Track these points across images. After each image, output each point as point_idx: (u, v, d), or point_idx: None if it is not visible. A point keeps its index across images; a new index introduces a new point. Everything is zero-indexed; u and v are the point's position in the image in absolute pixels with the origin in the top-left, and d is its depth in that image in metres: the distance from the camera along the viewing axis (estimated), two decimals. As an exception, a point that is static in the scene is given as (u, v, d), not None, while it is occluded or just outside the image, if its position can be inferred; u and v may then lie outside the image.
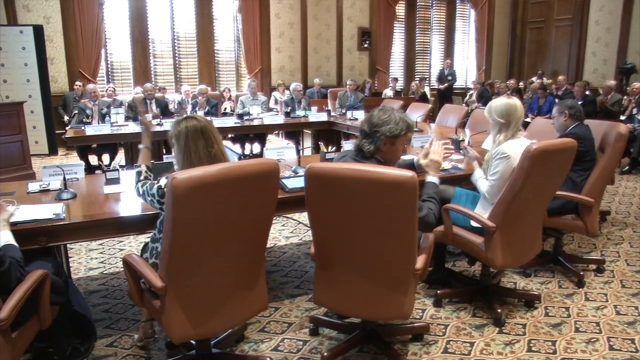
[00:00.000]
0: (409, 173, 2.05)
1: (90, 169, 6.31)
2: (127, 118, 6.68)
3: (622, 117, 7.45)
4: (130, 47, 9.80)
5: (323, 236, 2.34)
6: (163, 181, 2.18)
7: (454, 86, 12.14)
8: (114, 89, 8.98)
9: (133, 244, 4.12)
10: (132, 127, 6.07)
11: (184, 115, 2.33)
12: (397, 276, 2.27)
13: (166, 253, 1.98)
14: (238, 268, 2.18)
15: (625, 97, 8.27)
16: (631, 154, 6.86)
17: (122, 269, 2.98)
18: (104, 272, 3.66)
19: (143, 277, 2.12)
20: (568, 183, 3.36)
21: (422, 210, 2.40)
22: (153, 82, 9.45)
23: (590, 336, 2.78)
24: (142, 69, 9.90)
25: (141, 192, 2.30)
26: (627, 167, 6.85)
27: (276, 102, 9.25)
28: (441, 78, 11.99)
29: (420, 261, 2.28)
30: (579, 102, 7.56)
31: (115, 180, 3.04)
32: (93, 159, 6.75)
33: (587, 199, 3.32)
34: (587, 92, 8.54)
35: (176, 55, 10.32)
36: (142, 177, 2.38)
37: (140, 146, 2.56)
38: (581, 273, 3.44)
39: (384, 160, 2.46)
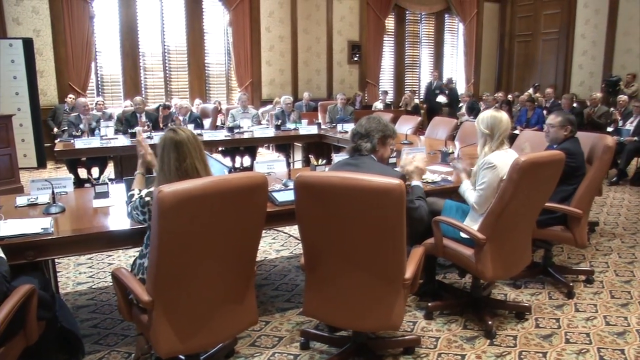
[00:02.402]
0: (396, 180, 2.10)
1: (79, 183, 6.26)
2: (116, 131, 6.66)
3: (610, 129, 7.54)
4: (121, 60, 9.80)
5: (313, 246, 2.35)
6: (144, 192, 2.22)
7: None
8: (103, 102, 8.95)
9: (122, 258, 4.08)
10: (122, 140, 6.05)
11: (170, 127, 2.36)
12: (386, 285, 2.28)
13: (153, 266, 1.97)
14: (227, 282, 2.17)
15: (612, 109, 8.39)
16: (618, 166, 6.94)
17: (111, 284, 2.95)
18: (93, 286, 3.62)
19: (131, 291, 2.10)
20: (558, 195, 3.38)
21: (414, 203, 2.56)
22: (143, 95, 9.45)
23: (581, 347, 2.79)
24: (133, 82, 9.90)
25: (129, 211, 2.33)
26: (614, 179, 6.92)
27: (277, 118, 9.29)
28: (429, 91, 12.08)
29: (409, 271, 2.29)
30: (567, 115, 7.67)
31: (105, 194, 3.03)
32: (83, 173, 6.71)
33: (575, 210, 3.35)
34: (575, 104, 8.64)
35: (167, 68, 10.33)
36: (133, 199, 2.38)
37: (136, 172, 2.57)
38: (571, 284, 3.46)
39: (377, 158, 2.64)
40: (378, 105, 10.99)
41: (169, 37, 10.26)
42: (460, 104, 10.58)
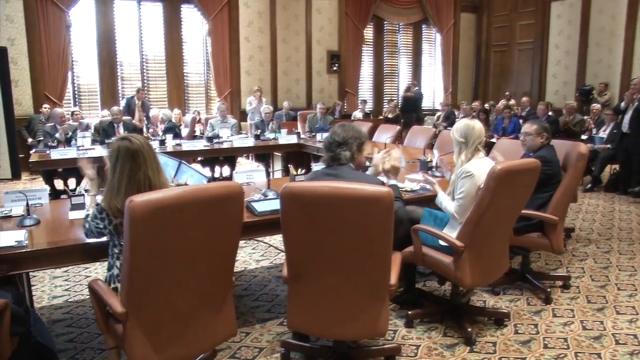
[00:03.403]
0: (385, 189, 2.14)
1: (55, 194, 6.15)
2: (94, 141, 6.57)
3: (584, 137, 7.69)
4: (98, 69, 9.70)
5: (298, 257, 2.33)
6: (99, 198, 2.21)
7: (422, 107, 12.41)
8: (80, 112, 8.83)
9: (99, 270, 4.02)
10: (99, 151, 5.97)
11: (121, 135, 2.33)
12: (373, 292, 2.31)
13: (126, 277, 1.95)
14: (203, 292, 2.15)
15: (586, 117, 8.57)
16: (593, 173, 7.08)
17: (88, 297, 2.90)
18: (69, 300, 3.55)
19: (106, 303, 2.07)
20: (534, 202, 3.44)
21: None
22: (121, 105, 9.35)
23: (559, 352, 2.82)
24: (110, 92, 9.79)
25: (87, 227, 2.31)
26: (589, 185, 7.05)
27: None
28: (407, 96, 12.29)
29: (393, 277, 2.32)
30: (542, 122, 7.82)
31: (81, 206, 2.97)
32: (59, 184, 6.59)
33: (551, 217, 3.40)
34: (550, 113, 8.81)
35: (145, 78, 10.26)
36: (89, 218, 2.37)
37: (89, 194, 2.60)
38: (548, 290, 3.50)
39: (355, 166, 2.65)
40: (357, 114, 11.05)
41: (147, 47, 10.19)
42: (439, 113, 10.68)
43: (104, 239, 2.34)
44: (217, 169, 7.47)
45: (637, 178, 6.69)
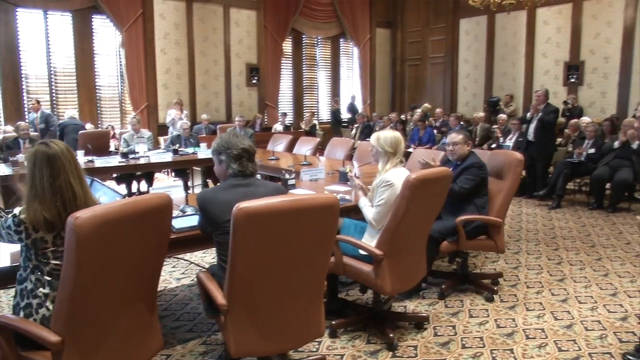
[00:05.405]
0: (333, 195, 2.24)
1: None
2: (-5, 159, 6.11)
3: (493, 145, 8.15)
4: (0, 83, 9.05)
5: (247, 281, 2.16)
6: (17, 209, 2.03)
7: (341, 120, 12.70)
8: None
9: (4, 299, 3.72)
10: (2, 169, 5.55)
11: (41, 140, 2.19)
12: (314, 297, 2.37)
13: (65, 302, 1.82)
14: (135, 310, 2.08)
15: (495, 126, 9.12)
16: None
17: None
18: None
19: (30, 336, 1.90)
20: (475, 207, 3.65)
21: None
22: (27, 121, 8.78)
23: (476, 351, 2.95)
24: (14, 106, 9.16)
25: None
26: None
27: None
28: (352, 109, 12.76)
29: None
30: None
31: None
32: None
33: (497, 220, 3.66)
34: (462, 122, 9.29)
35: (53, 91, 9.71)
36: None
37: None
38: (495, 288, 3.80)
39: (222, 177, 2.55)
40: (278, 127, 11.08)
41: (55, 58, 9.66)
42: (357, 124, 10.93)
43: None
44: (134, 184, 7.19)
45: (542, 183, 7.19)
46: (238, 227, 2.01)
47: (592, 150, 6.91)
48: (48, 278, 2.05)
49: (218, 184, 2.66)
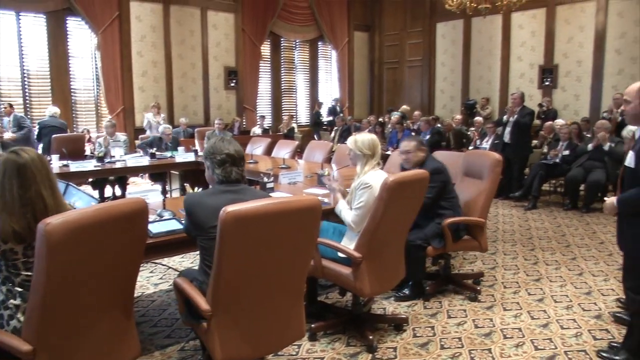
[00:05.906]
0: (314, 197, 2.29)
1: None
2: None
3: (470, 148, 8.24)
4: (-30, 86, 8.87)
5: (233, 285, 2.15)
6: None
7: (322, 122, 12.74)
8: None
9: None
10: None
11: (11, 148, 2.13)
12: (296, 299, 2.39)
13: (36, 309, 1.78)
14: (110, 317, 2.04)
15: (472, 129, 9.23)
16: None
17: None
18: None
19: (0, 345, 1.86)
20: (449, 210, 3.68)
21: None
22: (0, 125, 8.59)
23: (454, 351, 2.97)
24: (-15, 110, 8.96)
25: None
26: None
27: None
28: (334, 112, 12.73)
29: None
30: (427, 135, 8.41)
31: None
32: None
33: (480, 220, 3.71)
34: (438, 125, 9.39)
35: (27, 94, 9.51)
36: None
37: None
38: (479, 288, 3.86)
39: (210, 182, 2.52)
40: (256, 130, 11.03)
41: (29, 61, 9.47)
42: (336, 127, 10.95)
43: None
44: (108, 189, 7.08)
45: (518, 184, 7.30)
46: (225, 230, 1.99)
47: (566, 152, 7.04)
48: (19, 289, 2.00)
49: (200, 188, 2.63)
